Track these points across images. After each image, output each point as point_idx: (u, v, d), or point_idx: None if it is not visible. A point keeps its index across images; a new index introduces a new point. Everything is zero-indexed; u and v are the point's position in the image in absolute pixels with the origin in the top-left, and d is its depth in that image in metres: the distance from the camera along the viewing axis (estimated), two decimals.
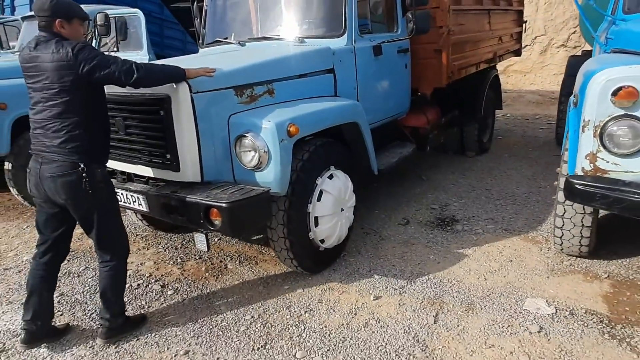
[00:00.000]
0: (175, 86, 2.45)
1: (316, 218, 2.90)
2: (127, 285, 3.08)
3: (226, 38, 3.84)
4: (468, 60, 4.88)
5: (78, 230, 4.11)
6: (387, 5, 3.86)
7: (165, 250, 3.67)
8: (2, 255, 3.76)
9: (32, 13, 6.24)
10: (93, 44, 5.00)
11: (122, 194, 2.84)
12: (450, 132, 5.64)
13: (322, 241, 3.01)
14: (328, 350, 2.36)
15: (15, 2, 8.94)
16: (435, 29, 4.20)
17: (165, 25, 9.48)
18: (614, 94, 2.23)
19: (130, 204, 2.82)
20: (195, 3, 4.52)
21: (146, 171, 2.79)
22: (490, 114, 6.23)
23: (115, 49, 4.88)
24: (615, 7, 3.32)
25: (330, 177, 2.99)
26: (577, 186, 2.43)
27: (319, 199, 2.90)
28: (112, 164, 3.01)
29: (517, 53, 7.14)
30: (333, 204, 2.97)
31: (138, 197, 2.73)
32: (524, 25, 7.10)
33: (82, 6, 5.38)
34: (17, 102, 4.26)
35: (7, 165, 4.37)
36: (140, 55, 4.81)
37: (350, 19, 3.32)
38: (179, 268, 3.35)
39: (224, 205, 2.35)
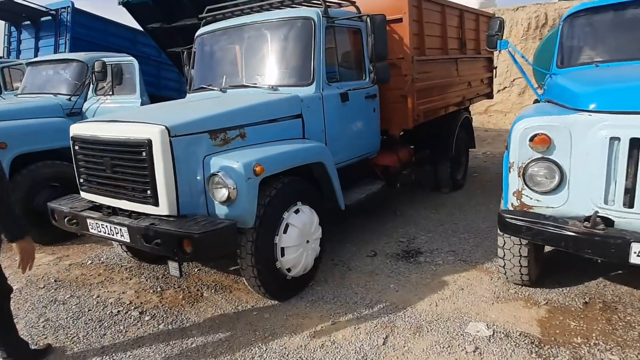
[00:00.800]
0: (156, 130, 2.81)
1: (282, 249, 3.20)
2: (107, 312, 3.35)
3: (210, 85, 4.26)
4: (435, 104, 5.32)
5: (67, 261, 4.40)
6: (356, 57, 4.31)
7: (147, 280, 3.93)
8: None
9: (37, 59, 6.76)
10: (90, 89, 5.45)
11: (106, 226, 3.14)
12: (425, 170, 6.01)
13: (289, 270, 3.30)
14: None
15: (21, 46, 9.54)
16: (402, 77, 4.65)
17: (162, 67, 10.09)
18: (531, 139, 2.60)
19: (114, 235, 3.12)
20: (184, 52, 5.00)
21: (129, 205, 3.11)
22: (463, 152, 6.62)
23: (110, 93, 5.31)
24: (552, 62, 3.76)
25: (297, 211, 3.31)
26: (507, 219, 2.75)
27: (285, 231, 3.21)
28: (98, 199, 3.35)
29: (489, 96, 7.64)
30: (298, 235, 3.28)
31: (120, 229, 3.03)
32: (494, 70, 7.63)
33: (83, 54, 5.87)
34: (17, 141, 4.63)
35: None
36: (133, 99, 5.23)
37: (318, 70, 3.74)
38: (158, 296, 3.60)
39: (195, 235, 2.65)
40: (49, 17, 8.84)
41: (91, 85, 5.39)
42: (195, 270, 4.07)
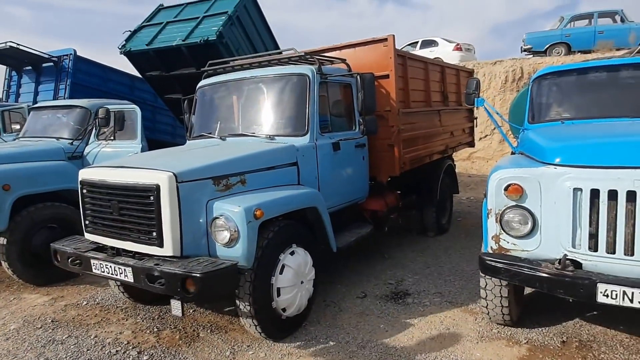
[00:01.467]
0: (164, 176, 3.04)
1: (278, 289, 3.37)
2: (106, 352, 3.43)
3: (210, 133, 4.54)
4: (419, 152, 5.67)
5: (62, 302, 4.46)
6: (346, 109, 4.66)
7: (143, 321, 4.01)
8: None
9: (40, 104, 7.02)
10: (92, 134, 5.70)
11: (110, 266, 3.30)
12: (412, 215, 6.29)
13: (284, 310, 3.45)
14: None
15: (20, 90, 9.84)
16: (389, 128, 5.01)
17: (157, 112, 10.45)
18: (506, 189, 2.89)
19: (117, 275, 3.26)
20: (185, 100, 5.32)
21: (134, 247, 3.29)
22: (447, 197, 6.95)
23: (112, 138, 5.56)
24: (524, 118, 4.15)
25: (292, 253, 3.51)
26: (487, 262, 2.99)
27: (281, 272, 3.39)
28: (103, 240, 3.52)
29: (471, 144, 8.10)
30: (293, 276, 3.46)
31: (124, 269, 3.19)
32: (474, 120, 8.13)
33: (86, 100, 6.15)
34: (20, 183, 4.80)
35: (2, 240, 4.76)
36: (134, 144, 5.48)
37: (312, 121, 4.06)
38: (155, 336, 3.69)
39: (198, 275, 2.83)
40: (51, 63, 9.20)
41: (94, 131, 5.63)
42: (191, 311, 4.17)
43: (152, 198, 3.09)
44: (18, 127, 8.06)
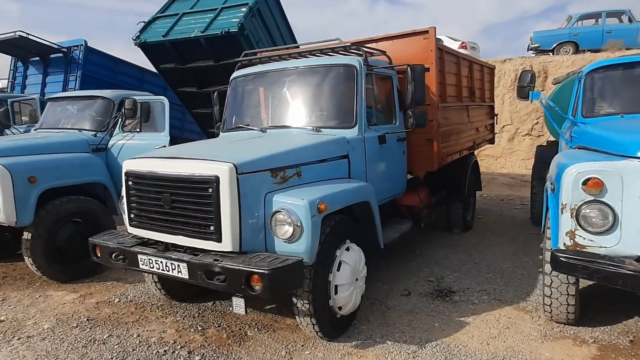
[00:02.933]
0: (225, 168, 2.88)
1: (336, 287, 3.24)
2: (154, 352, 3.26)
3: (248, 125, 4.38)
4: (453, 148, 5.57)
5: (92, 300, 4.27)
6: (387, 102, 4.53)
7: (183, 319, 3.85)
8: (21, 323, 3.85)
9: (58, 95, 6.78)
10: (117, 126, 5.50)
11: (161, 261, 3.13)
12: (438, 211, 6.18)
13: (340, 308, 3.31)
14: None
15: (26, 81, 9.55)
16: (427, 122, 4.88)
17: None
18: (584, 183, 2.78)
19: (169, 271, 3.10)
20: (215, 92, 5.14)
21: (187, 241, 3.12)
22: (472, 194, 6.86)
23: (138, 130, 5.36)
24: (575, 111, 4.05)
25: (347, 249, 3.37)
26: (561, 259, 2.88)
27: (338, 269, 3.25)
28: (150, 235, 3.34)
29: (491, 141, 8.02)
30: (350, 273, 3.33)
31: (178, 265, 3.03)
32: (495, 117, 8.06)
33: (108, 91, 5.95)
34: (46, 175, 4.59)
35: (26, 235, 4.55)
36: (161, 136, 5.29)
37: (361, 113, 3.93)
38: (201, 335, 3.53)
39: (265, 271, 2.68)
40: (60, 54, 8.93)
41: (119, 122, 5.43)
42: (230, 308, 4.01)
43: (210, 190, 2.93)
44: (27, 118, 7.80)
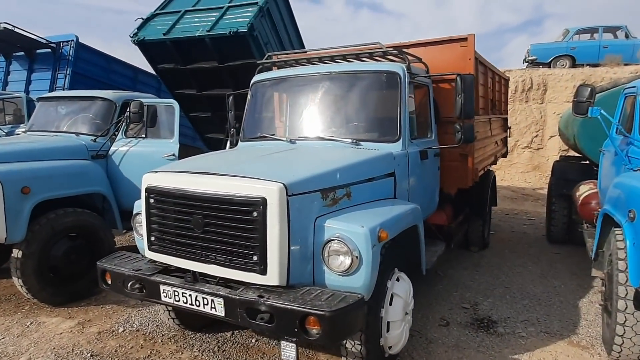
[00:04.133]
0: (274, 188, 2.47)
1: (388, 323, 2.84)
2: None
3: (273, 134, 3.96)
4: (483, 163, 5.27)
5: (92, 328, 3.74)
6: (424, 113, 4.19)
7: (202, 354, 3.39)
8: (12, 359, 3.31)
9: (51, 94, 6.20)
10: (120, 130, 4.99)
11: (189, 295, 2.68)
12: (461, 229, 5.87)
13: (390, 348, 2.92)
14: None
15: (9, 78, 8.87)
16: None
17: None
18: None
19: (199, 306, 2.65)
20: (230, 96, 4.69)
21: (221, 272, 2.67)
22: (489, 210, 6.59)
23: (143, 135, 4.87)
24: (631, 129, 3.78)
25: (397, 279, 2.99)
26: None
27: (390, 303, 2.86)
28: (176, 262, 2.88)
29: (505, 155, 7.79)
30: (403, 307, 2.95)
31: (212, 300, 2.58)
32: (508, 130, 7.84)
33: (110, 92, 5.43)
34: (41, 186, 4.07)
35: (17, 253, 4.01)
36: (170, 143, 4.81)
37: (404, 125, 3.56)
38: None
39: (325, 313, 2.26)
40: (47, 50, 8.30)
41: (122, 126, 4.92)
42: (253, 340, 3.57)
43: (255, 214, 2.50)
44: (11, 118, 7.17)
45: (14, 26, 7.57)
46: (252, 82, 4.35)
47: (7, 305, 4.33)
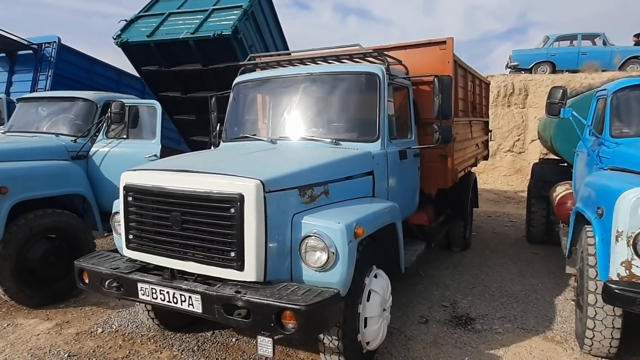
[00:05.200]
0: (250, 185, 2.50)
1: (365, 319, 2.88)
2: None
3: (254, 135, 3.99)
4: (462, 164, 5.36)
5: (71, 329, 3.70)
6: (403, 114, 4.26)
7: (181, 353, 3.39)
8: None
9: (31, 95, 6.13)
10: (101, 130, 4.96)
11: (167, 292, 2.68)
12: (441, 229, 5.95)
13: (368, 343, 2.96)
14: None
15: None
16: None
17: None
18: None
19: (177, 303, 2.65)
20: (212, 97, 4.71)
21: (198, 268, 2.69)
22: (471, 211, 6.69)
23: (125, 136, 4.85)
24: (602, 131, 3.90)
25: (375, 276, 3.03)
26: (616, 291, 2.65)
27: (368, 299, 2.90)
28: (152, 259, 2.89)
29: (486, 157, 7.92)
30: (379, 303, 2.98)
31: (190, 297, 2.59)
32: (490, 133, 7.98)
33: (91, 92, 5.40)
34: (19, 186, 4.03)
35: None
36: (152, 144, 4.80)
37: (384, 125, 3.62)
38: None
39: (301, 307, 2.29)
40: (29, 51, 8.21)
41: (104, 127, 4.89)
42: (233, 340, 3.58)
43: (232, 211, 2.52)
44: None
45: None
46: (234, 83, 4.38)
47: None
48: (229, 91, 4.42)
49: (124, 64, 8.99)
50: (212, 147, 4.57)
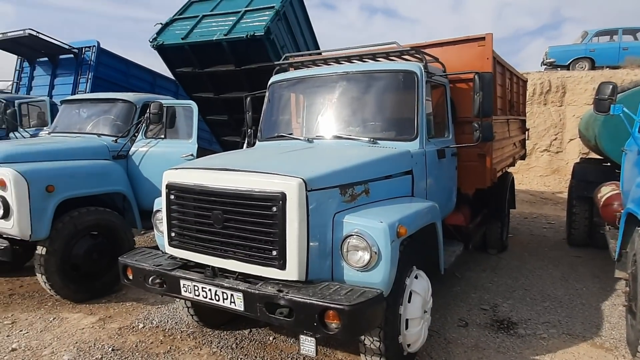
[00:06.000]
0: (293, 183, 2.49)
1: (407, 321, 2.83)
2: None
3: (291, 134, 3.99)
4: (501, 163, 5.21)
5: (114, 324, 3.81)
6: (441, 112, 4.17)
7: (221, 351, 3.41)
8: (36, 353, 3.39)
9: (73, 97, 6.36)
10: (140, 131, 5.08)
11: (209, 289, 2.71)
12: (479, 230, 5.80)
13: (409, 345, 2.90)
14: None
15: (33, 83, 9.12)
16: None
17: None
18: None
19: (218, 300, 2.67)
20: (247, 97, 4.74)
21: (240, 267, 2.70)
22: (508, 212, 6.50)
23: (162, 136, 4.95)
24: None
25: (416, 277, 2.97)
26: None
27: (409, 300, 2.85)
28: (195, 257, 2.92)
29: (523, 157, 7.68)
30: (421, 305, 2.92)
31: (232, 295, 2.60)
32: (527, 132, 7.73)
33: (131, 94, 5.54)
34: (65, 184, 4.17)
35: (41, 250, 4.11)
36: (189, 144, 4.88)
37: (422, 124, 3.55)
38: None
39: (345, 307, 2.26)
40: (70, 55, 8.52)
41: (142, 127, 5.01)
42: (270, 338, 3.58)
43: (275, 209, 2.52)
44: (35, 121, 7.35)
45: (38, 32, 7.80)
46: (269, 82, 4.39)
47: (30, 302, 4.43)
48: (263, 91, 4.44)
49: (156, 66, 9.23)
50: (247, 146, 4.60)
